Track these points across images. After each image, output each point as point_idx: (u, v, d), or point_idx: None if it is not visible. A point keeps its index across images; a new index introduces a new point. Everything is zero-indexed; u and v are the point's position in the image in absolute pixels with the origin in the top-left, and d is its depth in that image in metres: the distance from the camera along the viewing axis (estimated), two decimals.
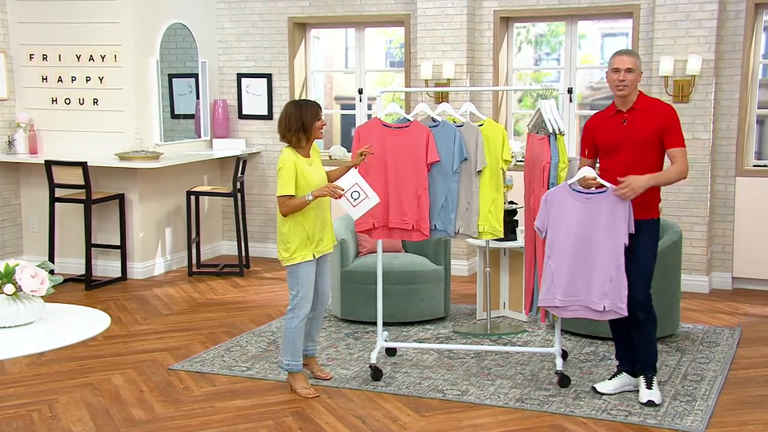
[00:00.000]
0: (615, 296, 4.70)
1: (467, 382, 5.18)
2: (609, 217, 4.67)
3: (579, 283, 4.76)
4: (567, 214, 4.76)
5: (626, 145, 4.74)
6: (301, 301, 4.90)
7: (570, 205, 4.76)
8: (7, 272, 3.89)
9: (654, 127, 4.72)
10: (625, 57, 4.78)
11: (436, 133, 5.19)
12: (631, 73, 4.73)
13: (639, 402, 4.79)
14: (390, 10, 8.29)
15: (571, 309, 4.82)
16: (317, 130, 4.87)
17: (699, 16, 7.11)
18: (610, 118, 4.85)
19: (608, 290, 4.70)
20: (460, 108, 5.51)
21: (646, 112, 4.76)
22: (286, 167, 4.76)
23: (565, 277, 4.78)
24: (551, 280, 4.82)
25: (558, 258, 4.79)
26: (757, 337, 6.08)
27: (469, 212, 5.21)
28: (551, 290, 4.82)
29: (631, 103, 4.80)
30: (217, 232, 8.99)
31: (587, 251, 4.73)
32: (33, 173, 8.05)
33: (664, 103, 4.89)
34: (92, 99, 7.94)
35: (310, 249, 4.87)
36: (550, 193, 4.84)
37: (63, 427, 4.57)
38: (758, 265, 7.36)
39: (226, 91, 8.91)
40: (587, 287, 4.75)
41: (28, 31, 8.03)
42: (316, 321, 5.19)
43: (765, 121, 7.64)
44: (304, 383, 5.02)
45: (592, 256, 4.72)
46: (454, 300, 6.98)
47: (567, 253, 4.76)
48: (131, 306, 6.99)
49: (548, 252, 4.84)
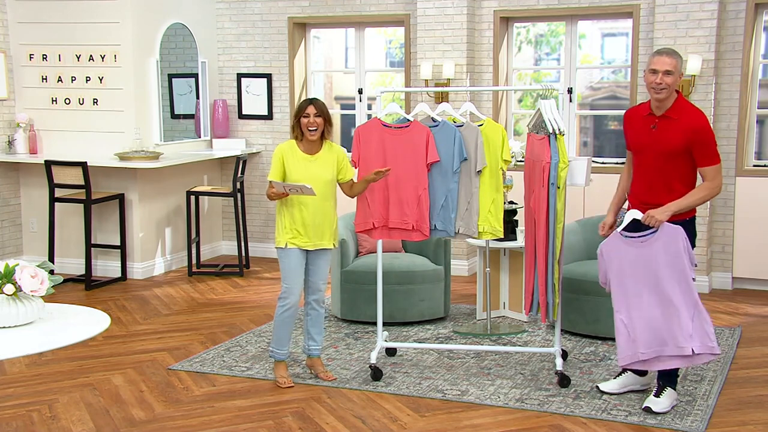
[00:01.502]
0: (702, 335, 4.43)
1: (467, 382, 5.18)
2: (669, 253, 4.44)
3: (660, 332, 4.49)
4: (629, 262, 4.52)
5: (653, 152, 4.56)
6: (286, 291, 5.04)
7: (627, 252, 4.53)
8: (7, 272, 3.89)
9: (682, 140, 4.49)
10: (665, 58, 4.47)
11: (436, 133, 5.19)
12: (670, 76, 4.45)
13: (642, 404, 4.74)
14: (390, 10, 8.29)
15: (659, 360, 4.52)
16: (304, 127, 4.97)
17: (699, 15, 7.11)
18: (643, 118, 4.65)
19: (692, 331, 4.43)
20: (460, 108, 5.51)
21: (678, 122, 4.50)
22: (275, 154, 5.05)
23: (643, 329, 4.50)
24: (627, 334, 4.55)
25: (629, 311, 4.54)
26: (756, 337, 6.08)
27: (469, 212, 5.20)
28: (629, 346, 4.54)
29: (665, 109, 4.55)
30: (216, 232, 8.99)
31: (659, 297, 4.48)
32: (33, 173, 8.04)
33: (699, 116, 4.54)
34: (92, 99, 7.94)
35: (285, 238, 5.01)
36: (605, 245, 4.63)
37: (63, 427, 4.57)
38: (758, 265, 7.36)
39: (226, 91, 8.91)
40: (671, 333, 4.46)
41: (27, 30, 8.03)
42: (313, 319, 5.20)
43: (765, 121, 7.64)
44: (282, 372, 5.16)
45: (666, 302, 4.46)
46: (454, 300, 6.98)
47: (639, 304, 4.51)
48: (131, 306, 6.98)
49: (616, 306, 4.59)
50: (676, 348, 4.47)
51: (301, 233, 5.00)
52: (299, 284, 5.06)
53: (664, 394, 4.70)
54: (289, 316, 5.07)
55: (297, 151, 5.01)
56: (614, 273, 4.60)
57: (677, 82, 4.53)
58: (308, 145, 5.02)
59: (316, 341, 5.25)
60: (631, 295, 4.55)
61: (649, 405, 4.68)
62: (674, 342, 4.47)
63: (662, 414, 4.64)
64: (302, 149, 5.02)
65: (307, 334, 5.23)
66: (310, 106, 4.97)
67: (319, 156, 5.02)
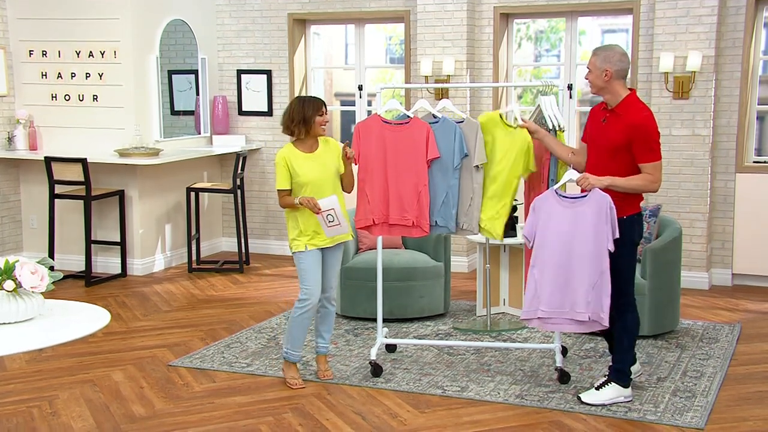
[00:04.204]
0: (597, 305, 4.57)
1: (467, 378, 5.18)
2: (593, 220, 4.54)
3: (563, 293, 4.62)
4: (554, 220, 4.63)
5: (600, 146, 4.66)
6: (306, 293, 4.96)
7: (557, 211, 4.64)
8: (7, 269, 3.89)
9: (622, 135, 4.55)
10: (590, 57, 4.66)
11: (436, 130, 5.19)
12: (590, 74, 4.63)
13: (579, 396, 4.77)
14: (390, 6, 8.28)
15: (553, 321, 4.67)
16: (318, 125, 4.93)
17: (699, 12, 7.10)
18: (600, 112, 4.77)
19: (591, 299, 4.57)
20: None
21: (622, 118, 4.58)
22: (278, 163, 4.96)
23: (548, 287, 4.64)
24: (534, 290, 4.68)
25: (542, 267, 4.65)
26: (756, 334, 6.08)
27: (473, 208, 5.19)
28: (533, 302, 4.68)
29: (614, 104, 4.64)
30: (216, 228, 8.99)
31: (570, 258, 4.59)
32: (33, 170, 8.04)
33: (641, 112, 4.59)
34: (92, 95, 7.94)
35: (303, 241, 4.95)
36: (538, 200, 4.72)
37: (63, 423, 4.58)
38: (758, 262, 7.35)
39: (226, 87, 8.90)
40: (571, 297, 4.61)
41: (27, 27, 8.02)
42: (323, 317, 5.17)
43: (765, 117, 7.64)
44: (293, 374, 5.11)
45: (576, 264, 4.58)
46: (453, 296, 6.98)
47: (551, 261, 4.62)
48: (131, 302, 6.99)
49: (533, 261, 4.70)
50: (573, 312, 4.62)
51: (318, 232, 4.95)
52: (319, 285, 4.99)
53: (605, 388, 4.72)
54: (308, 317, 5.01)
55: (298, 152, 4.97)
56: (540, 228, 4.67)
57: (602, 78, 4.59)
58: (309, 144, 4.99)
59: (325, 339, 5.20)
60: (547, 254, 4.64)
61: (581, 395, 4.74)
62: (572, 306, 4.61)
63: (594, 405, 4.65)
64: (302, 149, 4.98)
65: (316, 331, 5.21)
66: (323, 105, 4.97)
67: (319, 153, 5.01)
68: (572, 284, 4.60)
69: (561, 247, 4.62)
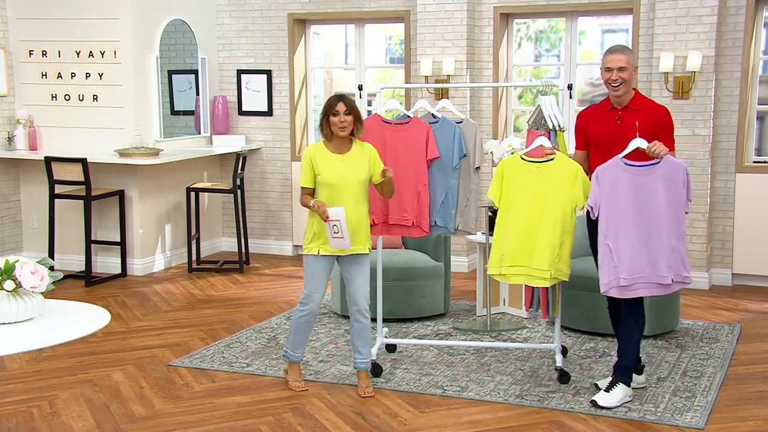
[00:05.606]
0: (679, 266, 4.61)
1: (467, 378, 5.18)
2: (667, 186, 4.55)
3: (642, 258, 4.58)
4: (623, 189, 4.56)
5: (620, 143, 4.63)
6: (306, 297, 4.88)
7: (624, 179, 4.57)
8: (7, 268, 3.89)
9: (655, 126, 4.64)
10: (618, 55, 4.66)
11: (436, 130, 5.19)
12: (624, 72, 4.64)
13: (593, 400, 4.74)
14: (390, 6, 8.28)
15: (635, 288, 4.61)
16: (333, 125, 4.71)
17: (699, 12, 7.10)
18: (605, 113, 4.78)
19: (672, 262, 4.58)
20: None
21: (643, 113, 4.66)
22: (303, 160, 4.81)
23: (627, 255, 4.57)
24: (611, 260, 4.58)
25: (615, 237, 4.58)
26: (756, 334, 6.08)
27: (468, 208, 5.20)
28: (613, 270, 4.56)
29: (626, 102, 4.71)
30: (216, 228, 8.99)
31: (647, 224, 4.56)
32: (33, 170, 8.04)
33: (659, 104, 4.80)
34: (92, 95, 7.94)
35: (317, 244, 4.82)
36: (601, 170, 4.61)
37: (63, 423, 4.57)
38: (758, 262, 7.36)
39: (226, 87, 8.90)
40: (653, 262, 4.58)
41: (27, 27, 8.02)
42: (358, 331, 4.91)
43: (765, 117, 7.64)
44: (295, 375, 5.06)
45: (654, 229, 4.56)
46: (453, 296, 6.98)
47: (627, 230, 4.56)
48: (131, 302, 6.99)
49: (604, 232, 4.60)
50: (656, 276, 4.61)
51: None
52: (321, 291, 4.87)
53: (614, 389, 4.71)
54: (306, 322, 4.93)
55: (326, 151, 4.75)
56: (605, 198, 4.61)
57: (633, 76, 4.70)
58: (338, 144, 4.76)
59: (362, 353, 4.94)
60: (620, 222, 4.59)
61: (596, 399, 4.71)
62: (653, 270, 4.60)
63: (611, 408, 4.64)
64: (331, 149, 4.76)
65: (353, 346, 4.97)
66: (340, 103, 4.68)
67: (349, 155, 4.77)
68: (652, 249, 4.59)
69: (635, 213, 4.57)
